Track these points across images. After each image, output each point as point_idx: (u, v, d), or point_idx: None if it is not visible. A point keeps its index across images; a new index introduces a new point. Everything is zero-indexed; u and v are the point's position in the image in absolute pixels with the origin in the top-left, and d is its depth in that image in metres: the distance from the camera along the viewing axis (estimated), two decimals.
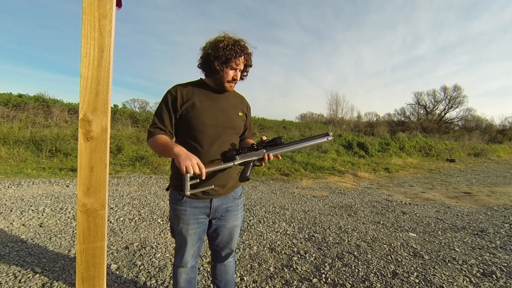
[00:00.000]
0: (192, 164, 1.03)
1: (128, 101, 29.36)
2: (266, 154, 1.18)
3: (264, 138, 1.24)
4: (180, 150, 1.07)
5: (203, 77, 1.27)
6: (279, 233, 2.90)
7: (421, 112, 31.43)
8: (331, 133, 1.21)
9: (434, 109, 30.84)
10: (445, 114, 30.24)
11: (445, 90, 29.77)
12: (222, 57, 1.13)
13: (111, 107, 1.25)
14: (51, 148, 6.44)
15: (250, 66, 1.27)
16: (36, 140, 6.59)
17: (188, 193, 1.07)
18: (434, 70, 53.52)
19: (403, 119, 31.70)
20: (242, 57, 1.18)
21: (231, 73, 1.18)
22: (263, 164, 1.24)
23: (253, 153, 1.20)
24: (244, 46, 1.18)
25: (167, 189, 1.32)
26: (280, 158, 1.28)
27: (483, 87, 52.27)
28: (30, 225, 2.78)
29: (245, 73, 1.28)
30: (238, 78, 1.22)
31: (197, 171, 1.04)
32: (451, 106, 29.80)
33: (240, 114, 1.32)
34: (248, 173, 1.21)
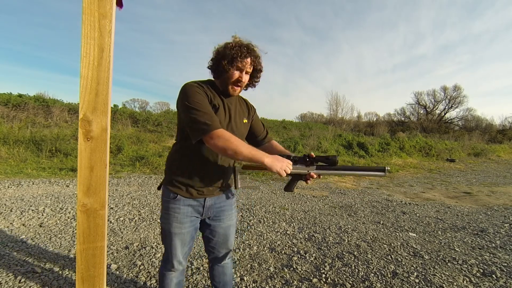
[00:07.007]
0: (285, 167, 1.09)
1: (128, 101, 29.30)
2: (313, 173, 1.15)
3: (313, 155, 1.18)
4: (268, 156, 1.07)
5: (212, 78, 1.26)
6: (279, 233, 2.90)
7: (421, 112, 31.44)
8: (388, 167, 1.13)
9: (434, 109, 30.85)
10: (445, 114, 30.24)
11: (445, 90, 29.78)
12: (229, 56, 1.12)
13: (111, 107, 1.24)
14: (51, 148, 6.44)
15: (260, 70, 1.25)
16: (36, 140, 6.59)
17: (240, 187, 1.26)
18: (434, 69, 53.51)
19: (403, 119, 31.70)
20: (249, 59, 1.16)
21: (236, 73, 1.16)
22: (308, 183, 1.20)
23: (304, 167, 1.15)
24: (251, 48, 1.17)
25: (158, 188, 1.30)
26: (321, 178, 1.22)
27: (484, 87, 52.27)
28: (30, 225, 2.78)
29: (256, 79, 1.26)
30: (244, 80, 1.19)
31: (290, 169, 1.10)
32: (451, 106, 29.80)
33: (244, 121, 1.30)
34: (293, 187, 1.20)
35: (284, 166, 1.08)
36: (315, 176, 1.17)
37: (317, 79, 59.06)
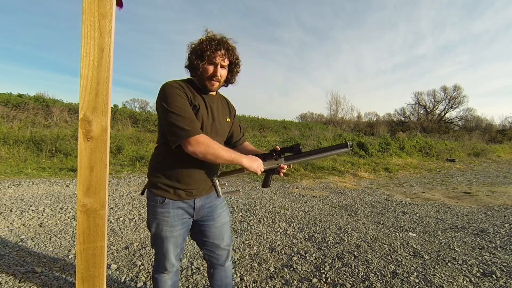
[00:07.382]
0: (260, 165, 1.19)
1: (128, 101, 29.39)
2: (283, 165, 1.23)
3: (278, 148, 1.23)
4: (245, 158, 1.15)
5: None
6: (279, 233, 2.90)
7: (421, 112, 31.48)
8: (350, 142, 1.16)
9: (434, 109, 30.88)
10: (445, 114, 30.27)
11: (445, 90, 29.81)
12: (198, 51, 1.10)
13: (111, 107, 1.24)
14: (51, 148, 6.44)
15: (237, 64, 1.20)
16: (36, 140, 6.59)
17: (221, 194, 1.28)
18: (434, 69, 53.64)
19: (403, 119, 31.72)
20: (221, 51, 1.11)
21: (210, 68, 1.12)
22: (281, 174, 1.25)
23: (273, 161, 1.23)
24: (222, 40, 1.12)
25: (142, 193, 1.25)
26: (291, 167, 1.28)
27: (484, 87, 52.40)
28: (30, 225, 2.78)
29: (235, 73, 1.22)
30: (220, 75, 1.14)
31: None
32: (451, 106, 29.83)
33: (227, 119, 1.29)
34: (269, 181, 1.27)
35: (259, 165, 1.19)
36: (285, 167, 1.24)
37: (317, 79, 59.21)
